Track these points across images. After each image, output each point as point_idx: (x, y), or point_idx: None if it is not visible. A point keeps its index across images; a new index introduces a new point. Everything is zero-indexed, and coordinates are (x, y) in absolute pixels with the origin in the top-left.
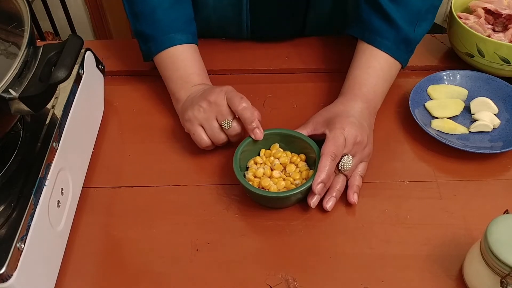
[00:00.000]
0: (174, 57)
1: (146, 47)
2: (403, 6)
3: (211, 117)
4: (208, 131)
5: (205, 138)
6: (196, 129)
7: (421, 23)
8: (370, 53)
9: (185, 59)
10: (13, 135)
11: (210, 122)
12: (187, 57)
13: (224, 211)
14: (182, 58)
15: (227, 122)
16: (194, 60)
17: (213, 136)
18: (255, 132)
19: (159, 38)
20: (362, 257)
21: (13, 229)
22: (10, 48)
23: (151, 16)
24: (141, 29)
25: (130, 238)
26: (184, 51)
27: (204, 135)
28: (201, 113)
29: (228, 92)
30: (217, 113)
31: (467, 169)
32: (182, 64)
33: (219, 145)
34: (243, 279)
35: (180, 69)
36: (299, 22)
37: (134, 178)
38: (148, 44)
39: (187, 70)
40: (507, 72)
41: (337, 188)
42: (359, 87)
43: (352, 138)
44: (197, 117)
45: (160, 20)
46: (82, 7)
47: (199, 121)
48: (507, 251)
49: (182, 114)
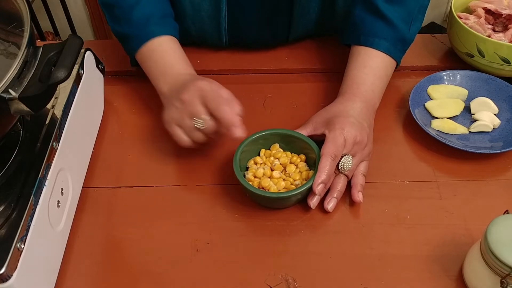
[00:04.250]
0: (151, 50)
1: (128, 48)
2: (398, 6)
3: (185, 117)
4: (185, 131)
5: (185, 138)
6: (174, 130)
7: (414, 22)
8: (366, 53)
9: (162, 51)
10: (13, 135)
11: (185, 122)
12: (165, 48)
13: (224, 211)
14: (160, 50)
15: (201, 123)
16: (172, 50)
17: (190, 136)
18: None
19: (137, 34)
20: (362, 257)
21: (13, 229)
22: (10, 48)
23: (129, 16)
24: (121, 31)
25: (130, 238)
26: (162, 43)
27: (183, 135)
28: (176, 113)
29: (203, 91)
30: (190, 113)
31: (467, 169)
32: (160, 56)
33: (201, 143)
34: (243, 279)
35: (158, 61)
36: (281, 35)
37: (134, 178)
38: (129, 44)
39: (165, 61)
40: (507, 72)
41: (338, 189)
42: (357, 87)
43: (351, 138)
44: (172, 117)
45: (138, 18)
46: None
47: (175, 122)
48: (507, 251)
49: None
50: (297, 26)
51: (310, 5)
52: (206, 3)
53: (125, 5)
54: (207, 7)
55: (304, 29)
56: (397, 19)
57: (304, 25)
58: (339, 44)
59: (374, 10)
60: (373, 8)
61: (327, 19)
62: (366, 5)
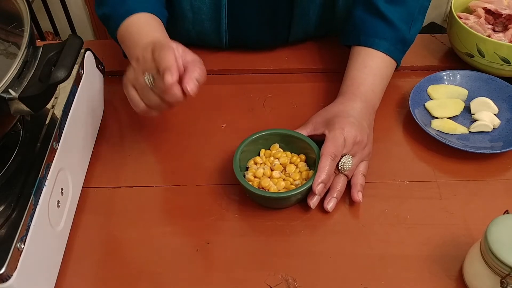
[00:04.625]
0: (130, 26)
1: (110, 31)
2: (399, 6)
3: (139, 75)
4: (139, 91)
5: (140, 103)
6: (130, 92)
7: (414, 23)
8: (366, 53)
9: (141, 25)
10: (13, 135)
11: (139, 81)
12: (143, 22)
13: (224, 211)
14: (138, 24)
15: (148, 78)
16: (149, 24)
17: (144, 97)
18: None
19: (115, 12)
20: (362, 257)
21: (13, 229)
22: (10, 48)
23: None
24: (104, 12)
25: (130, 238)
26: (140, 18)
27: (137, 98)
28: (131, 73)
29: (155, 44)
30: (143, 70)
31: (467, 169)
32: (136, 29)
33: (155, 108)
34: (243, 279)
35: (133, 34)
36: (281, 36)
37: (134, 178)
38: (110, 25)
39: (141, 34)
40: (507, 72)
41: (338, 189)
42: (357, 87)
43: (351, 138)
44: (128, 77)
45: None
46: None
47: (131, 82)
48: (507, 251)
49: None
50: (297, 27)
51: (310, 6)
52: (206, 6)
53: None
54: (207, 10)
55: (304, 31)
56: (397, 19)
57: (304, 27)
58: (339, 44)
59: (375, 10)
60: (373, 9)
61: (327, 20)
62: (366, 5)
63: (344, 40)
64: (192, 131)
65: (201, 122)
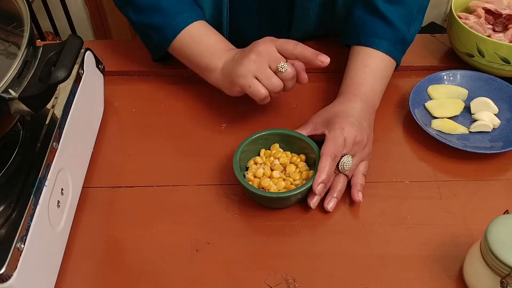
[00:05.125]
0: (192, 34)
1: (159, 37)
2: (398, 6)
3: (263, 65)
4: (264, 80)
5: (262, 90)
6: (252, 81)
7: (414, 23)
8: (366, 53)
9: (204, 33)
10: (13, 135)
11: (264, 70)
12: (206, 31)
13: (224, 211)
14: (201, 32)
15: (283, 65)
16: (212, 31)
17: (269, 84)
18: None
19: (172, 23)
20: (362, 257)
21: (13, 229)
22: (10, 48)
23: (157, 6)
24: (150, 22)
25: (130, 238)
26: (200, 26)
27: (260, 86)
28: (253, 64)
29: (275, 40)
30: (269, 60)
31: (467, 169)
32: (202, 38)
33: (275, 94)
34: (243, 279)
35: (203, 42)
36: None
37: (134, 178)
38: (161, 33)
39: (210, 41)
40: (507, 72)
41: (338, 189)
42: (357, 87)
43: (351, 138)
44: (250, 69)
45: (167, 7)
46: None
47: (253, 73)
48: (507, 251)
49: (228, 76)
50: (297, 27)
51: (310, 6)
52: (207, 6)
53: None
54: (208, 9)
55: (304, 31)
56: (397, 19)
57: (304, 27)
58: (338, 44)
59: (374, 10)
60: (373, 9)
61: (327, 20)
62: (366, 5)
63: (344, 40)
64: (192, 131)
65: (201, 122)
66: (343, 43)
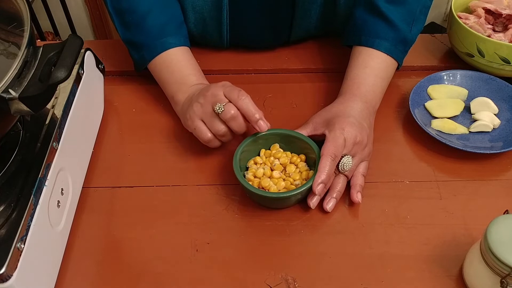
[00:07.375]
0: (168, 61)
1: (139, 56)
2: (400, 6)
3: (208, 108)
4: (208, 123)
5: (206, 133)
6: (197, 124)
7: (416, 23)
8: (367, 53)
9: (179, 61)
10: (13, 135)
11: (208, 114)
12: (181, 59)
13: (224, 211)
14: (176, 61)
15: (220, 107)
16: (188, 62)
17: (212, 127)
18: (259, 124)
19: (152, 44)
20: (362, 257)
21: (13, 229)
22: (10, 48)
23: (142, 24)
24: (132, 38)
25: (130, 238)
26: (178, 53)
27: (204, 128)
28: (199, 108)
29: (226, 86)
30: (212, 103)
31: (467, 169)
32: (177, 67)
33: (221, 137)
34: (243, 279)
35: (175, 72)
36: (282, 36)
37: (134, 178)
38: (140, 52)
39: (182, 72)
40: (507, 72)
41: (338, 189)
42: (357, 87)
43: (351, 138)
44: (196, 112)
45: (151, 27)
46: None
47: (199, 116)
48: (507, 251)
49: (183, 114)
50: (298, 27)
51: (312, 6)
52: (207, 6)
53: (138, 11)
54: (208, 9)
55: (305, 31)
56: (398, 19)
57: (305, 27)
58: (339, 44)
59: (375, 10)
60: (374, 9)
61: (328, 20)
62: (367, 6)
63: (345, 40)
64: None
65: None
66: (345, 43)
